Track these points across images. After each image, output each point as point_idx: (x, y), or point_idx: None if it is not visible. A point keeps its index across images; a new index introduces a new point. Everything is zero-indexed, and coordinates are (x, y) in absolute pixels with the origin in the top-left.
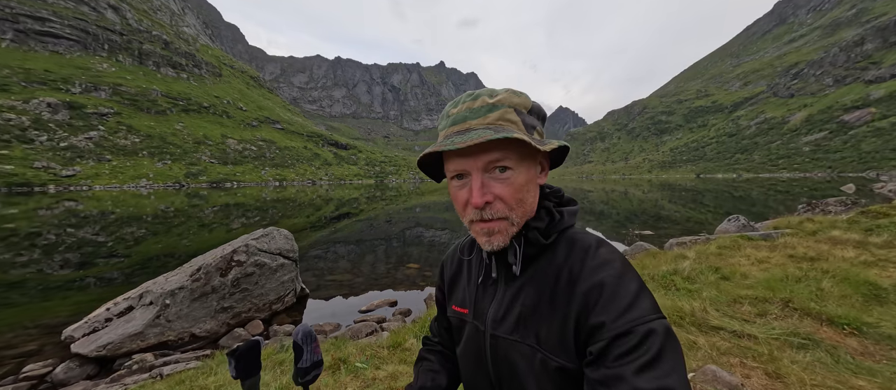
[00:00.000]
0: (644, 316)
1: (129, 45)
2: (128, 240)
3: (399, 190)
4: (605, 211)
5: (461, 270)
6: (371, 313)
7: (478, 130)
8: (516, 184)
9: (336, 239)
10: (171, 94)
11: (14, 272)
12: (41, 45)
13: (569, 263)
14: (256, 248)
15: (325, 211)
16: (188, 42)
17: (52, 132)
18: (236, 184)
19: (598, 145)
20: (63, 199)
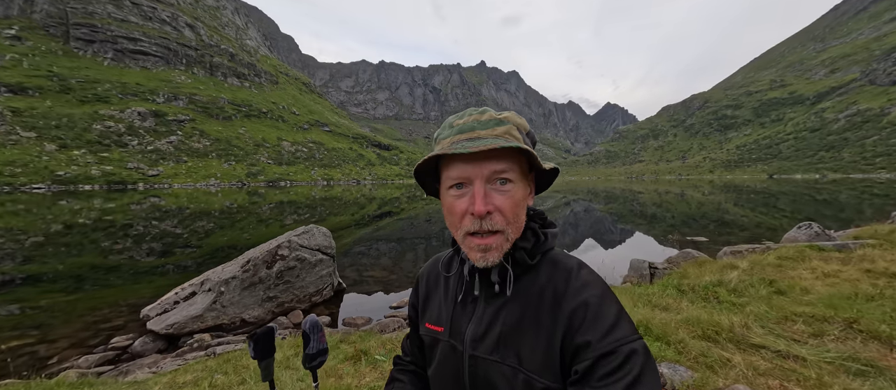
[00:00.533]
0: (627, 337)
1: (202, 58)
2: (199, 232)
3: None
4: (657, 214)
5: (437, 287)
6: (401, 310)
7: (487, 139)
8: (515, 198)
9: (377, 236)
10: (235, 102)
11: (112, 258)
12: (134, 62)
13: (552, 283)
14: (298, 244)
15: (368, 209)
16: (250, 53)
17: (142, 137)
18: (289, 183)
19: (651, 143)
20: (149, 196)
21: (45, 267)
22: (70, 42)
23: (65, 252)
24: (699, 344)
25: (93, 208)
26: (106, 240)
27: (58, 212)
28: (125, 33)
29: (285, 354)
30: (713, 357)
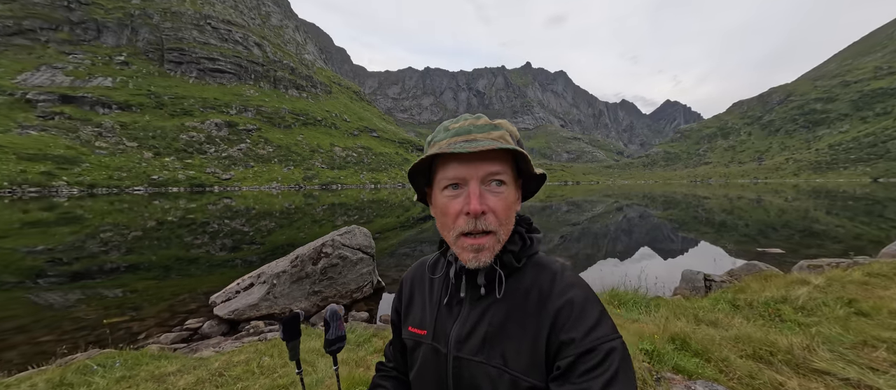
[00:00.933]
0: (607, 336)
1: (268, 73)
2: (262, 231)
3: None
4: (726, 222)
5: (422, 290)
6: None
7: (483, 141)
8: (508, 200)
9: (420, 239)
10: (295, 111)
11: (192, 251)
12: (213, 79)
13: (538, 285)
14: (340, 243)
15: (412, 212)
16: (308, 66)
17: (217, 145)
18: (340, 186)
19: (719, 143)
20: (223, 197)
21: (142, 257)
22: (164, 64)
23: (156, 245)
24: (747, 364)
25: (178, 208)
26: (188, 236)
27: (152, 211)
28: (206, 54)
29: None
30: (762, 379)
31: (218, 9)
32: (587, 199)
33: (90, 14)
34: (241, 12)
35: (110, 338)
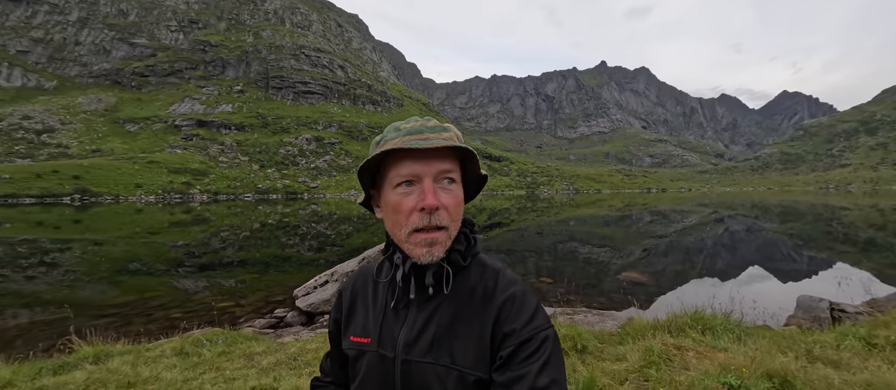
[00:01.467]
0: (543, 325)
1: (348, 91)
2: (343, 234)
3: (551, 201)
4: (876, 239)
5: (365, 298)
6: None
7: (437, 140)
8: (458, 197)
9: (487, 246)
10: (371, 124)
11: (286, 250)
12: (304, 100)
13: (483, 283)
14: None
15: (478, 220)
16: (382, 83)
17: (307, 157)
18: None
19: (862, 141)
20: (311, 203)
21: (248, 254)
22: (269, 90)
23: (260, 243)
24: None
25: (276, 213)
26: (283, 237)
27: (257, 215)
28: (300, 79)
29: None
30: None
31: (310, 39)
32: (676, 209)
33: (218, 54)
34: (328, 40)
35: (218, 319)
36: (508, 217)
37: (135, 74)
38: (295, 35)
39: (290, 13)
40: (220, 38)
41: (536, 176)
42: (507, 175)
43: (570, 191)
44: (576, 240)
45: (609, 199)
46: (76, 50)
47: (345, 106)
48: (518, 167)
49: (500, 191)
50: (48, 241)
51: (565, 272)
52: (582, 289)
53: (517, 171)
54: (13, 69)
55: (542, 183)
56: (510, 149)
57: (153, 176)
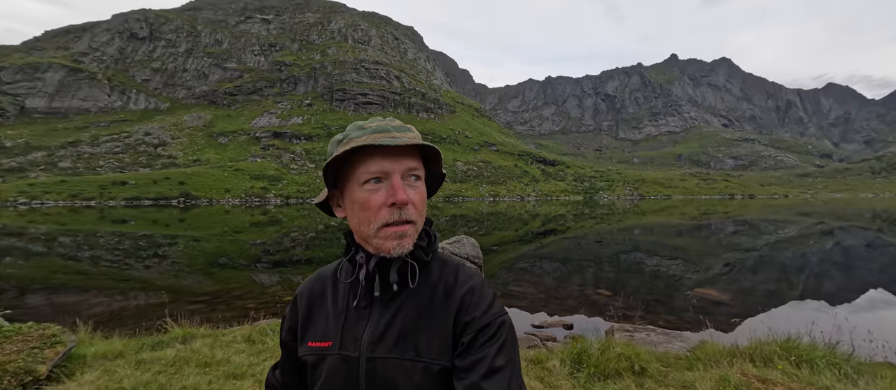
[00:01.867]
0: (499, 312)
1: (404, 100)
2: None
3: (612, 207)
4: None
5: (323, 302)
6: (542, 329)
7: (404, 139)
8: (423, 194)
9: (540, 254)
10: (424, 131)
11: (338, 251)
12: (364, 110)
13: (444, 278)
14: (449, 251)
15: (531, 226)
16: (435, 90)
17: None
18: (461, 198)
19: None
20: None
21: (314, 253)
22: (333, 102)
23: (324, 244)
24: None
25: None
26: (343, 239)
27: (321, 218)
28: (360, 91)
29: None
30: None
31: (369, 53)
32: (768, 218)
33: (291, 72)
34: (385, 52)
35: (281, 312)
36: (563, 223)
37: (226, 94)
38: (356, 50)
39: (352, 30)
40: (293, 58)
41: (595, 180)
42: (563, 179)
43: (634, 197)
44: (641, 251)
45: (681, 206)
46: (183, 76)
47: (400, 114)
48: (574, 171)
49: (555, 197)
50: (160, 236)
51: (627, 285)
52: (646, 304)
53: (573, 176)
54: (139, 95)
55: (602, 188)
56: (566, 153)
57: (238, 182)
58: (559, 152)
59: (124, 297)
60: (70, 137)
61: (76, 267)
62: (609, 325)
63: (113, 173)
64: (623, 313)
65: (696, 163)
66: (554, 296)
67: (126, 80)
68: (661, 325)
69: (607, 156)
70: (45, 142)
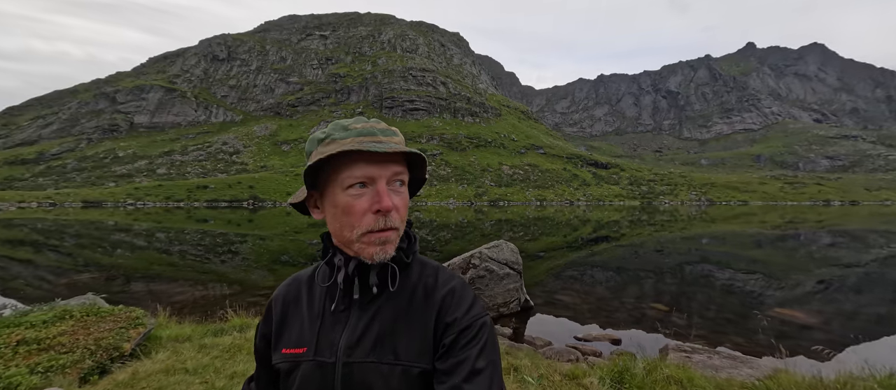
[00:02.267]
0: (480, 314)
1: (449, 105)
2: (441, 240)
3: (674, 214)
4: None
5: (298, 308)
6: (586, 343)
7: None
8: (406, 199)
9: (591, 262)
10: (469, 135)
11: None
12: (411, 116)
13: (423, 280)
14: (488, 256)
15: (581, 232)
16: (481, 94)
17: None
18: (507, 202)
19: None
20: (414, 210)
21: None
22: (382, 110)
23: None
24: None
25: None
26: None
27: None
28: (408, 98)
29: None
30: None
31: (417, 61)
32: (877, 229)
33: (345, 83)
34: (432, 59)
35: None
36: (617, 230)
37: (289, 106)
38: (404, 59)
39: (400, 40)
40: (347, 70)
41: (654, 184)
42: (617, 183)
43: (701, 203)
44: (710, 262)
45: (761, 214)
46: (253, 91)
47: (446, 119)
48: (630, 174)
49: (608, 202)
50: (233, 235)
51: (691, 300)
52: (711, 323)
53: (629, 179)
54: (219, 109)
55: (662, 192)
56: (620, 155)
57: (298, 185)
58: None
59: (200, 287)
60: (166, 147)
61: (167, 259)
62: (663, 344)
63: (197, 178)
64: (682, 331)
65: (780, 165)
66: (603, 308)
67: (209, 97)
68: (728, 347)
69: (669, 158)
70: (148, 152)
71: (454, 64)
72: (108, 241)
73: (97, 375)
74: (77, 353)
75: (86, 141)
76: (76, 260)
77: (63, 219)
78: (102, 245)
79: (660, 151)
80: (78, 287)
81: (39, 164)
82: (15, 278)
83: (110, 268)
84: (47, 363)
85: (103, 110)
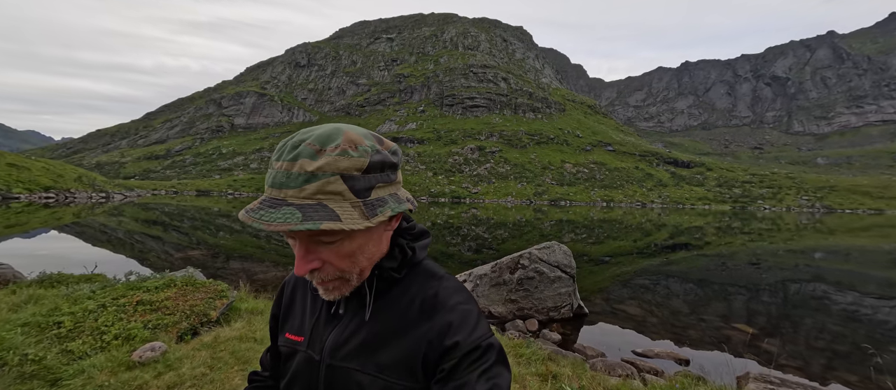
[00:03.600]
0: (485, 335)
1: (510, 102)
2: (498, 238)
3: (777, 222)
4: None
5: (304, 296)
6: (646, 359)
7: (289, 207)
8: (345, 251)
9: (666, 271)
10: (530, 132)
11: (451, 249)
12: (471, 113)
13: (422, 292)
14: (537, 257)
15: (655, 237)
16: (544, 89)
17: (470, 165)
18: (568, 202)
19: None
20: (471, 208)
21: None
22: (443, 108)
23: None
24: None
25: (443, 214)
26: (448, 236)
27: (429, 215)
28: (468, 95)
29: None
30: None
31: (478, 57)
32: None
33: (408, 83)
34: (493, 55)
35: None
36: (700, 237)
37: (357, 106)
38: (465, 56)
39: (462, 38)
40: (411, 70)
41: (750, 186)
42: (701, 184)
43: (815, 210)
44: (825, 282)
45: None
46: (328, 93)
47: (506, 116)
48: (718, 174)
49: (689, 205)
50: None
51: (795, 325)
52: (812, 353)
53: (717, 180)
54: (299, 110)
55: (761, 196)
56: (707, 152)
57: None
58: (697, 151)
59: (279, 268)
60: (257, 145)
61: (256, 242)
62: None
63: None
64: (772, 360)
65: None
66: (673, 324)
67: (291, 100)
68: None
69: (772, 156)
70: (244, 149)
71: (516, 59)
72: (213, 225)
73: (190, 336)
74: (177, 316)
75: (199, 140)
76: (191, 238)
77: (183, 204)
78: (209, 227)
79: (759, 148)
80: (192, 260)
81: (167, 159)
82: (150, 251)
83: (213, 247)
84: (156, 321)
85: (212, 114)
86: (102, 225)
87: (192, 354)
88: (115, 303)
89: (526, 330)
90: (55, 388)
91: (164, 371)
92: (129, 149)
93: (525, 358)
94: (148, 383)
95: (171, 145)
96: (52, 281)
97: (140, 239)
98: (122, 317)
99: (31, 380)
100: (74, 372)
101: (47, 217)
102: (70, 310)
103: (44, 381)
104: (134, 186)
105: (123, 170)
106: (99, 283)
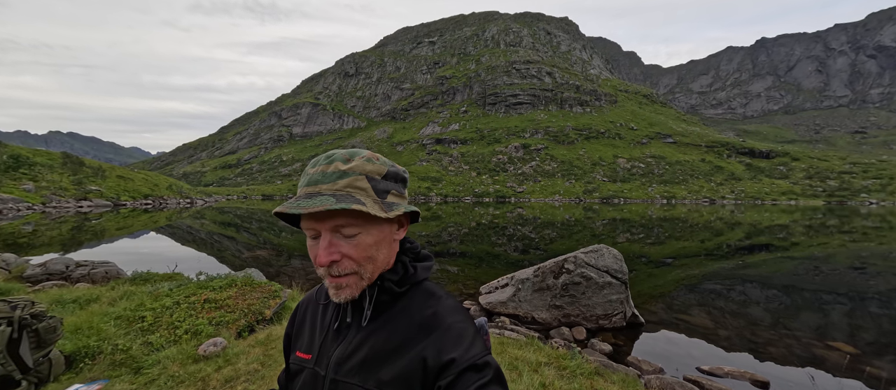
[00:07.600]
0: (481, 353)
1: (555, 97)
2: (545, 239)
3: (887, 219)
4: None
5: (315, 315)
6: (713, 378)
7: (324, 196)
8: (363, 244)
9: (741, 275)
10: (578, 127)
11: (496, 248)
12: (514, 111)
13: (422, 311)
14: (584, 262)
15: (727, 237)
16: (592, 81)
17: (515, 164)
18: (623, 200)
19: None
20: (516, 207)
21: (467, 247)
22: (485, 107)
23: (476, 240)
24: None
25: (488, 214)
26: (493, 236)
27: (473, 215)
28: (511, 93)
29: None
30: None
31: (520, 53)
32: None
33: (450, 84)
34: (536, 50)
35: None
36: (785, 237)
37: (402, 110)
38: (507, 53)
39: (504, 35)
40: (452, 71)
41: (850, 177)
42: (785, 177)
43: None
44: None
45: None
46: (374, 99)
47: (551, 111)
48: (807, 165)
49: (770, 201)
50: None
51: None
52: None
53: (805, 171)
54: (349, 117)
55: (866, 188)
56: (792, 140)
57: (412, 183)
58: (779, 139)
59: None
60: (312, 152)
61: None
62: None
63: None
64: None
65: None
66: (750, 338)
67: (342, 108)
68: None
69: (880, 140)
70: (300, 156)
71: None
72: (277, 227)
73: (247, 333)
74: (237, 314)
75: (263, 149)
76: (258, 238)
77: (251, 208)
78: (274, 228)
79: (862, 132)
80: (259, 259)
81: (238, 168)
82: (226, 250)
83: (277, 246)
84: (219, 318)
85: (273, 125)
86: (188, 226)
87: (247, 350)
88: (187, 301)
89: (572, 338)
90: (138, 376)
91: (224, 365)
92: (208, 159)
93: (568, 372)
94: (209, 376)
95: (240, 155)
96: (142, 278)
97: (217, 239)
98: (192, 314)
99: (120, 367)
100: (152, 363)
101: (147, 220)
102: (151, 306)
103: (129, 369)
104: (212, 192)
105: (204, 178)
106: (176, 282)
